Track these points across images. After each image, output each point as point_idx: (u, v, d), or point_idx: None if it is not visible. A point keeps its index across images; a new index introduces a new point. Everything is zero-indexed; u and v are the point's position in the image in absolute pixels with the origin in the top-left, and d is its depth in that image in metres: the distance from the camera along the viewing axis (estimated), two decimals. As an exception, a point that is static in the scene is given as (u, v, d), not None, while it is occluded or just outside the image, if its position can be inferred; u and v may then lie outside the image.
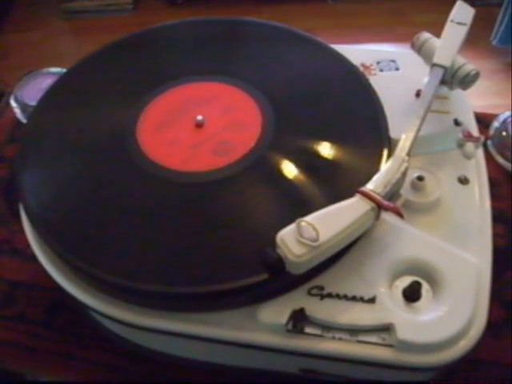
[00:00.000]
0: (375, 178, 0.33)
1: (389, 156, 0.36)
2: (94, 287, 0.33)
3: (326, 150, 0.37)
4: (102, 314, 0.34)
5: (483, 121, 0.52)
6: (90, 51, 0.45)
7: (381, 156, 0.36)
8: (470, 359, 0.33)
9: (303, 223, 0.30)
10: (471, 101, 0.43)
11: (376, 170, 0.34)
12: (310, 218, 0.30)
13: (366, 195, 0.31)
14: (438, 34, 0.44)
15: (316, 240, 0.29)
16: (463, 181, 0.39)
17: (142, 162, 0.36)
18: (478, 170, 0.39)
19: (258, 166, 0.36)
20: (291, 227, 0.30)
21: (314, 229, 0.30)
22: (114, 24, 1.54)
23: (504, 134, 0.50)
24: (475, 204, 0.37)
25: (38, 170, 0.37)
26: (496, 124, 0.51)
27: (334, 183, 0.35)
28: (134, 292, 0.32)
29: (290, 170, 0.36)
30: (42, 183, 0.36)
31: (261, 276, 0.30)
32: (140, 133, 0.38)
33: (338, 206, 0.31)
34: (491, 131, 0.51)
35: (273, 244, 0.30)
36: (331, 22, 1.55)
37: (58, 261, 0.35)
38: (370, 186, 0.32)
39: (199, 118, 0.38)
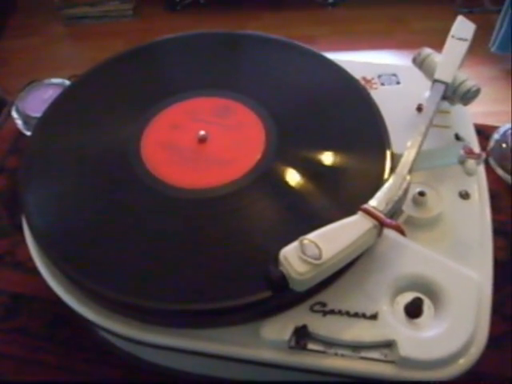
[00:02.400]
0: (377, 195, 0.33)
1: (391, 171, 0.36)
2: (98, 303, 0.33)
3: (328, 165, 0.37)
4: (105, 330, 0.34)
5: (484, 132, 0.52)
6: (91, 57, 0.45)
7: (383, 171, 0.36)
8: (470, 372, 0.33)
9: (306, 241, 0.30)
10: (470, 108, 0.43)
11: (379, 185, 0.34)
12: (312, 235, 0.30)
13: (368, 213, 0.32)
14: (436, 41, 0.44)
15: (319, 258, 0.29)
16: (464, 196, 0.39)
17: (146, 177, 0.36)
18: (478, 184, 0.39)
19: (262, 181, 0.36)
20: (294, 245, 0.30)
21: (317, 246, 0.30)
22: (114, 30, 1.55)
23: (504, 146, 0.50)
24: (476, 219, 0.38)
25: (42, 184, 0.37)
26: (496, 136, 0.51)
27: (337, 199, 0.36)
28: (137, 309, 0.32)
29: (293, 186, 0.36)
30: (45, 197, 0.36)
31: (264, 293, 0.31)
32: (144, 148, 0.38)
33: (340, 224, 0.31)
34: (491, 143, 0.52)
35: (276, 261, 0.30)
36: (331, 29, 1.55)
37: (61, 276, 0.35)
38: (372, 204, 0.32)
39: (202, 133, 0.38)
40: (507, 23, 1.32)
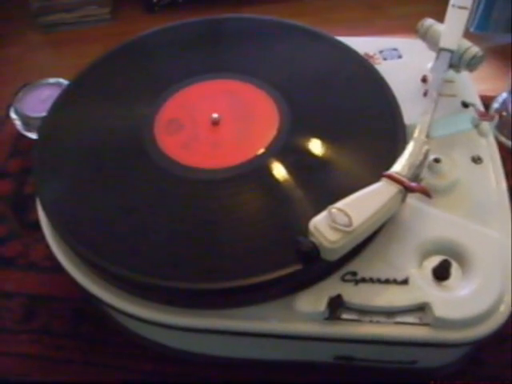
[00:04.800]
0: (399, 161, 0.33)
1: (404, 142, 0.36)
2: (129, 292, 0.33)
3: (344, 140, 0.37)
4: (136, 319, 0.34)
5: (482, 103, 0.53)
6: (72, 63, 0.44)
7: (399, 142, 0.36)
8: (497, 333, 0.33)
9: (334, 210, 0.30)
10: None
11: (395, 155, 0.35)
12: (340, 204, 0.31)
13: (392, 178, 0.32)
14: (414, 25, 0.45)
15: (349, 225, 0.30)
16: (477, 160, 0.39)
17: (161, 160, 0.36)
18: (489, 148, 0.40)
19: (281, 158, 0.36)
20: (323, 214, 0.30)
21: (346, 214, 0.30)
22: (93, 35, 1.53)
23: (505, 114, 0.51)
24: (491, 181, 0.38)
25: (57, 172, 0.37)
26: (496, 105, 0.52)
27: (355, 171, 0.36)
28: (168, 292, 0.32)
29: (310, 161, 0.36)
30: (62, 186, 0.36)
31: (296, 266, 0.31)
32: (157, 132, 0.38)
33: (365, 191, 0.32)
34: (491, 112, 0.52)
35: (305, 233, 0.30)
36: (310, 19, 1.55)
37: (84, 265, 0.35)
38: (394, 170, 0.32)
39: (215, 116, 0.38)
40: (484, 3, 1.34)
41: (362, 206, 0.31)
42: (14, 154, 0.55)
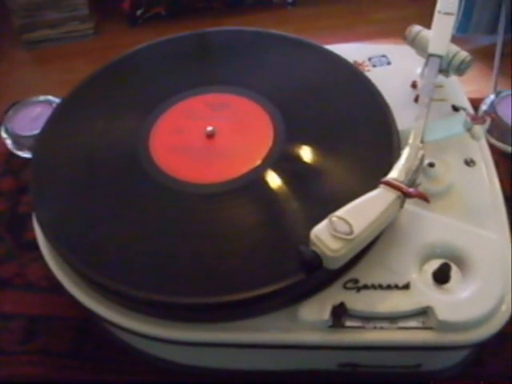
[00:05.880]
0: (395, 167, 0.33)
1: (399, 148, 0.36)
2: (130, 308, 0.33)
3: (340, 150, 0.37)
4: (140, 335, 0.33)
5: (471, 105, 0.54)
6: (57, 80, 0.44)
7: (393, 149, 0.37)
8: (499, 333, 0.33)
9: (335, 218, 0.30)
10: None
11: (390, 162, 0.35)
12: (340, 212, 0.31)
13: (390, 185, 0.32)
14: (397, 29, 0.45)
15: (351, 233, 0.30)
16: (469, 163, 0.40)
17: (158, 176, 0.36)
18: (481, 150, 0.41)
19: (279, 169, 0.36)
20: (323, 224, 0.30)
21: (347, 222, 0.30)
22: (78, 50, 1.53)
23: (493, 115, 0.52)
24: (485, 183, 0.39)
25: (55, 195, 0.37)
26: (484, 107, 0.52)
27: (352, 179, 0.36)
28: (170, 307, 0.32)
29: (307, 171, 0.36)
30: (61, 208, 0.36)
31: (299, 275, 0.31)
32: (153, 148, 0.38)
33: (364, 199, 0.32)
34: (480, 114, 0.53)
35: (306, 243, 0.31)
36: (294, 27, 1.56)
37: (85, 283, 0.34)
38: (392, 176, 0.33)
39: (209, 128, 0.38)
40: (464, 5, 1.36)
41: (361, 213, 0.31)
42: (6, 173, 0.54)
